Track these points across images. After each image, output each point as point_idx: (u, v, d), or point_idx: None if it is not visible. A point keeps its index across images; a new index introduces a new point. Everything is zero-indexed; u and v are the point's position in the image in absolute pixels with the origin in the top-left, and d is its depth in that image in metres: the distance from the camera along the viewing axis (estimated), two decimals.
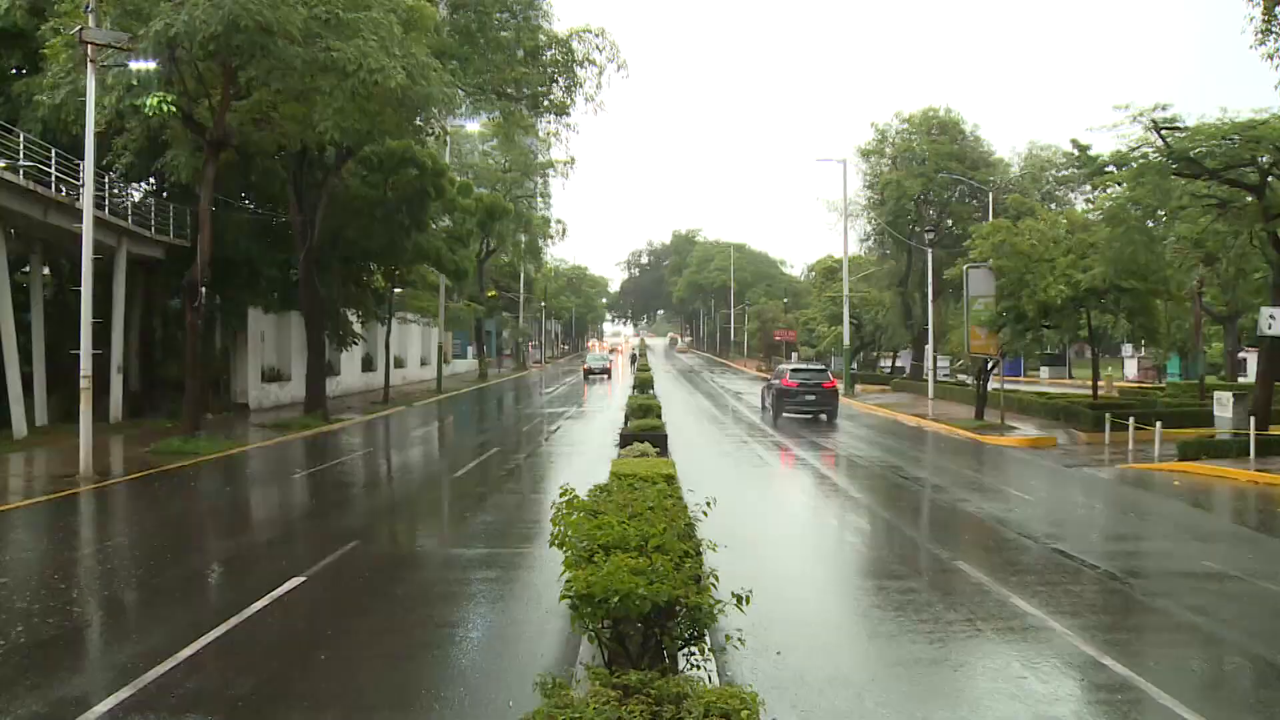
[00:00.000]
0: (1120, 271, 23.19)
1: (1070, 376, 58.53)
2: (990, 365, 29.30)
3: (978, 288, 27.91)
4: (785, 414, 29.92)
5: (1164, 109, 20.09)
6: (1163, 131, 19.99)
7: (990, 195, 38.83)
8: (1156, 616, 8.98)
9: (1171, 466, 19.53)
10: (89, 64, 17.61)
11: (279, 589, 9.23)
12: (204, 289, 23.17)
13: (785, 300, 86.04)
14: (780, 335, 72.44)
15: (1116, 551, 11.96)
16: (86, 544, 12.06)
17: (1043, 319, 26.48)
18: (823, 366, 34.75)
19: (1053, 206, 40.06)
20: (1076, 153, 28.95)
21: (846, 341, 46.73)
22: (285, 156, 27.54)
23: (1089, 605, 9.21)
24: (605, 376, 55.13)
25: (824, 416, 29.57)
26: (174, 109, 20.41)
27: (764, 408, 32.69)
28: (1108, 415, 24.43)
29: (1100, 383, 33.38)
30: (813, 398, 29.46)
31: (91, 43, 17.43)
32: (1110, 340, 60.47)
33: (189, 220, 26.93)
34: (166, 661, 7.13)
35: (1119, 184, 22.44)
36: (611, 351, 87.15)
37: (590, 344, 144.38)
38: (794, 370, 31.69)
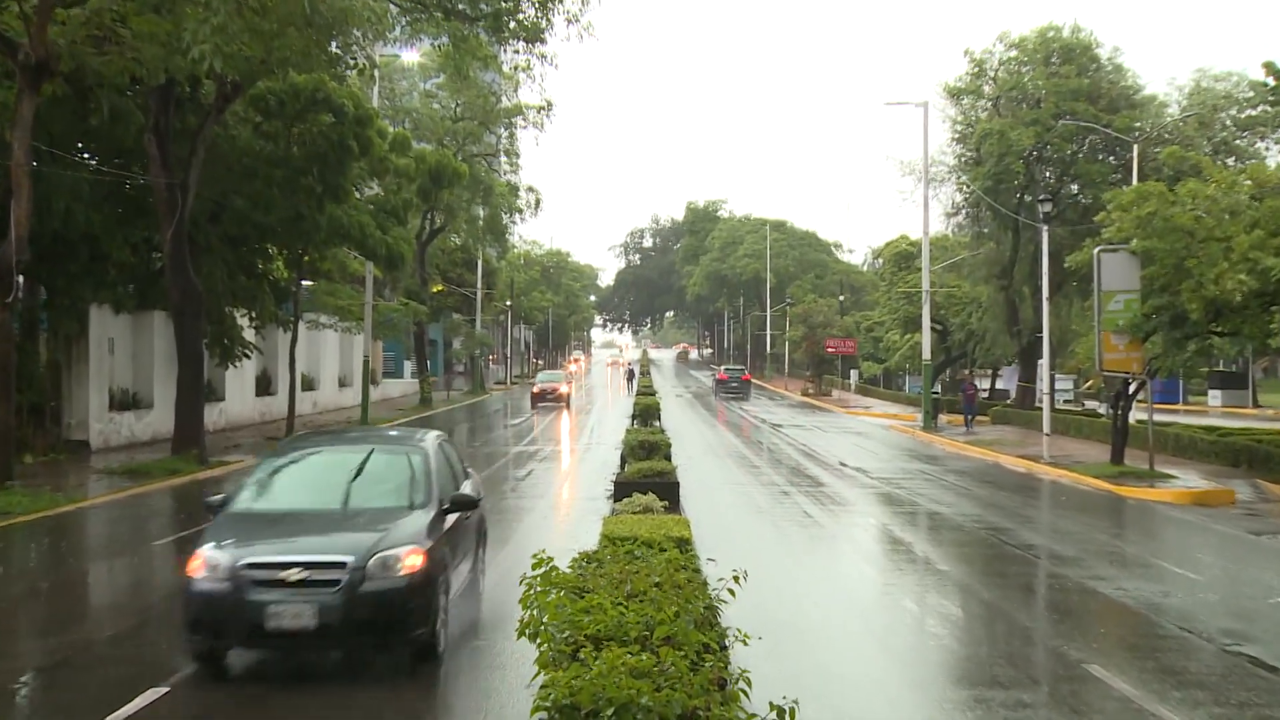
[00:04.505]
0: None
1: (1255, 404, 58.26)
2: (1133, 387, 29.17)
3: (1115, 279, 27.77)
4: (720, 395, 68.80)
5: None
6: None
7: (1135, 148, 38.52)
8: None
9: None
10: None
11: (130, 705, 9.07)
12: (20, 277, 22.92)
13: (841, 298, 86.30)
14: (833, 346, 72.51)
15: None
16: None
17: (1213, 322, 26.23)
18: (741, 366, 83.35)
19: (1230, 162, 39.56)
20: (1270, 83, 28.45)
21: (927, 354, 46.61)
22: (143, 93, 27.43)
23: None
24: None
25: (740, 396, 68.04)
26: None
27: (713, 392, 72.37)
28: None
29: None
30: (735, 385, 70.13)
31: None
32: None
33: None
34: None
35: None
36: (552, 396, 57.86)
37: (572, 358, 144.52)
38: (726, 368, 78.00)
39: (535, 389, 59.76)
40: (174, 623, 12.54)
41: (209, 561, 9.63)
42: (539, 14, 29.94)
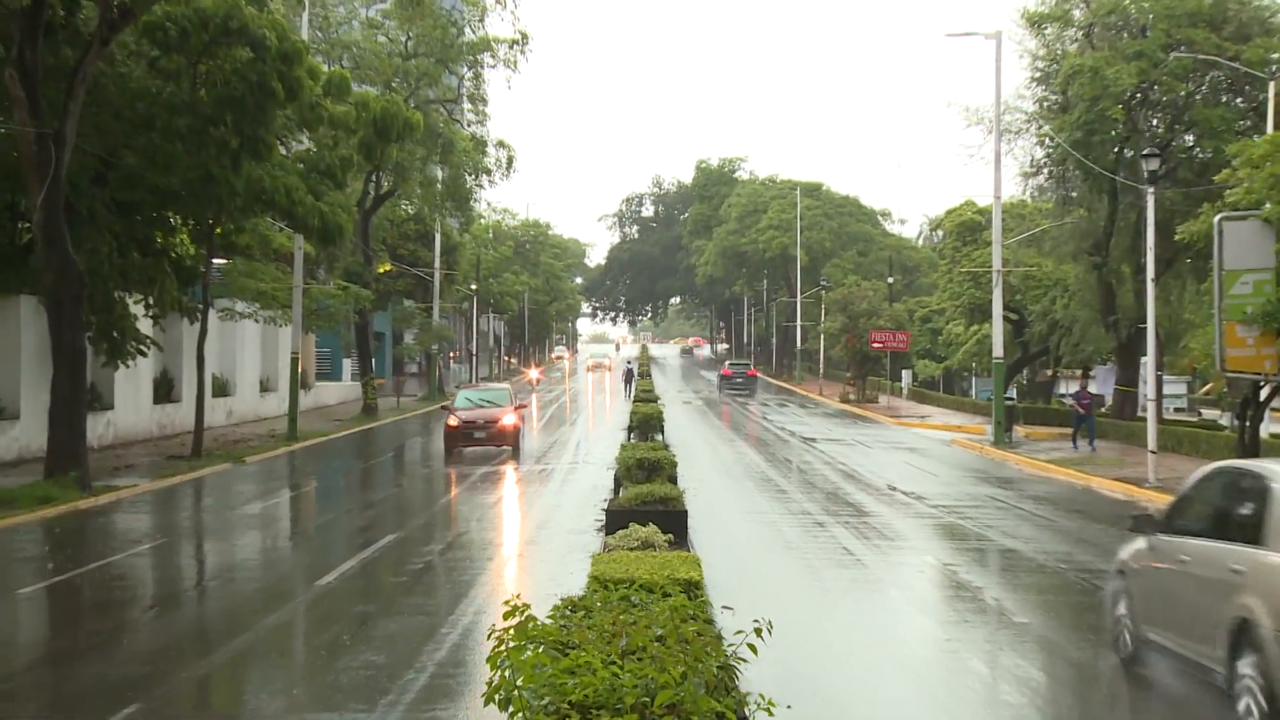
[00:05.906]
0: None
1: None
2: (1265, 393, 29.15)
3: (1242, 254, 27.71)
4: (725, 391, 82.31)
5: None
6: None
7: (1271, 87, 38.36)
8: None
9: None
10: None
11: None
12: None
13: (889, 280, 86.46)
14: (880, 340, 72.37)
15: None
16: None
17: None
18: (746, 361, 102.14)
19: None
20: None
21: (999, 350, 46.60)
22: (2, 16, 27.30)
23: None
24: None
25: (746, 392, 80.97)
26: None
27: (717, 388, 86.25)
28: None
29: None
30: (740, 380, 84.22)
31: None
32: None
33: None
34: None
35: None
36: (484, 432, 38.64)
37: (553, 355, 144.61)
38: (731, 364, 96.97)
39: (450, 421, 39.11)
40: (54, 695, 12.52)
41: None
42: None
